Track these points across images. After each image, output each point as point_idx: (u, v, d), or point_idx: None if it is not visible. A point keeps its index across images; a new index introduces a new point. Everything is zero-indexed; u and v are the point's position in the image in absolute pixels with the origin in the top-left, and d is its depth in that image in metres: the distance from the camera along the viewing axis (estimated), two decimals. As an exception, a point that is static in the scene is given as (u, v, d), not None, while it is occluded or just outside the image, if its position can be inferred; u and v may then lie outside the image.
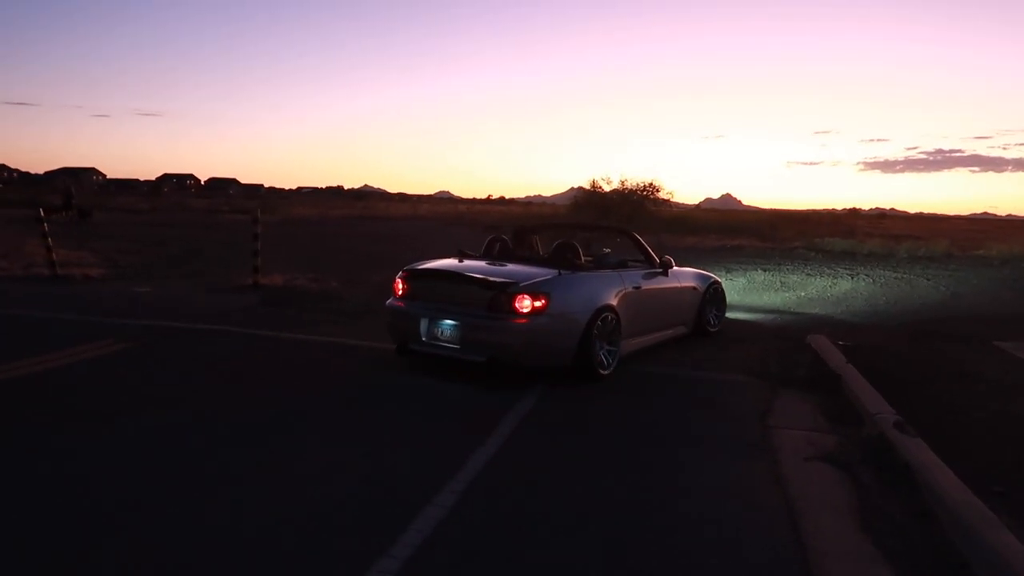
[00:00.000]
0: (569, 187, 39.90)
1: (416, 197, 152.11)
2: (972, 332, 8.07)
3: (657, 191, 37.61)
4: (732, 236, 27.71)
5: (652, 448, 4.50)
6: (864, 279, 14.13)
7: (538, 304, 5.45)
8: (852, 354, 6.76)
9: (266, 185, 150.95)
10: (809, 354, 7.02)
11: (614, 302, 6.07)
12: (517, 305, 5.43)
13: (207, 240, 19.84)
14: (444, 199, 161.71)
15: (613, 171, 77.40)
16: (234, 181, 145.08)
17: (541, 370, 5.90)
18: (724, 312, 8.60)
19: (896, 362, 6.58)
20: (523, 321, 5.42)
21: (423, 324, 5.78)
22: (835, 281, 13.64)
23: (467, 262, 6.43)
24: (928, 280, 14.08)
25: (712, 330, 8.11)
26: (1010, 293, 12.25)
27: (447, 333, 5.68)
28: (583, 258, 6.59)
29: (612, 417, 5.13)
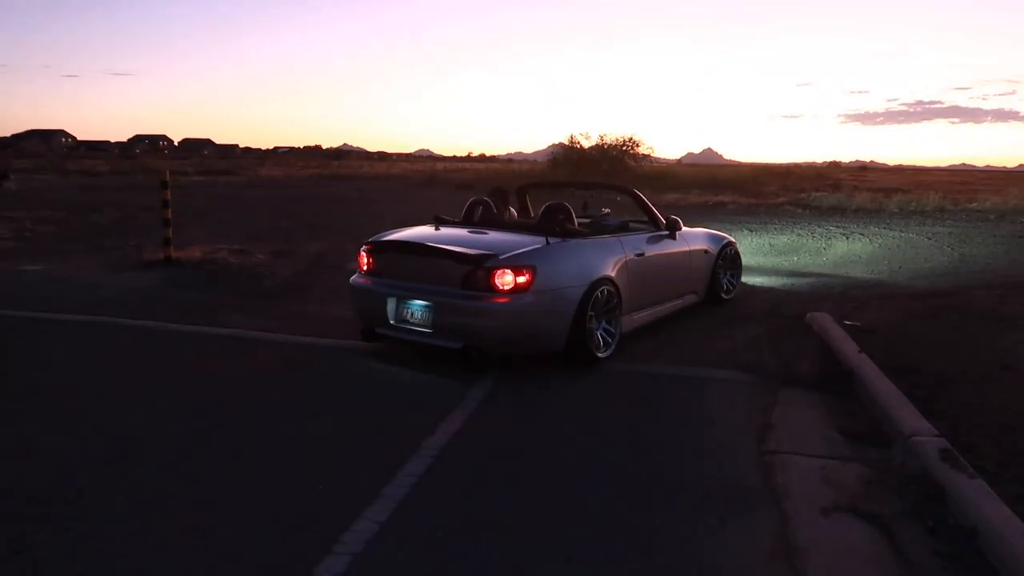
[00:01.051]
0: (550, 144, 38.52)
1: (396, 155, 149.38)
2: (995, 304, 6.87)
3: (637, 146, 36.37)
4: (714, 192, 26.46)
5: (607, 507, 3.25)
6: (860, 239, 12.92)
7: (521, 280, 4.68)
8: (864, 339, 5.55)
9: (242, 145, 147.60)
10: (812, 339, 5.79)
11: (613, 273, 5.28)
12: (497, 282, 4.66)
13: (154, 206, 18.23)
14: (424, 157, 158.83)
15: (593, 127, 75.90)
16: (208, 142, 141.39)
17: (528, 357, 5.01)
18: (740, 276, 7.62)
19: (919, 349, 5.36)
20: (504, 300, 4.66)
21: (390, 305, 5.02)
22: (829, 242, 12.42)
23: (443, 230, 5.55)
24: (929, 239, 12.89)
25: (726, 297, 7.23)
26: (1020, 253, 11.09)
27: (417, 315, 4.92)
28: (577, 222, 5.69)
29: (562, 447, 3.87)
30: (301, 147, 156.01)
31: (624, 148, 36.45)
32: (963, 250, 11.29)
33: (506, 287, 4.66)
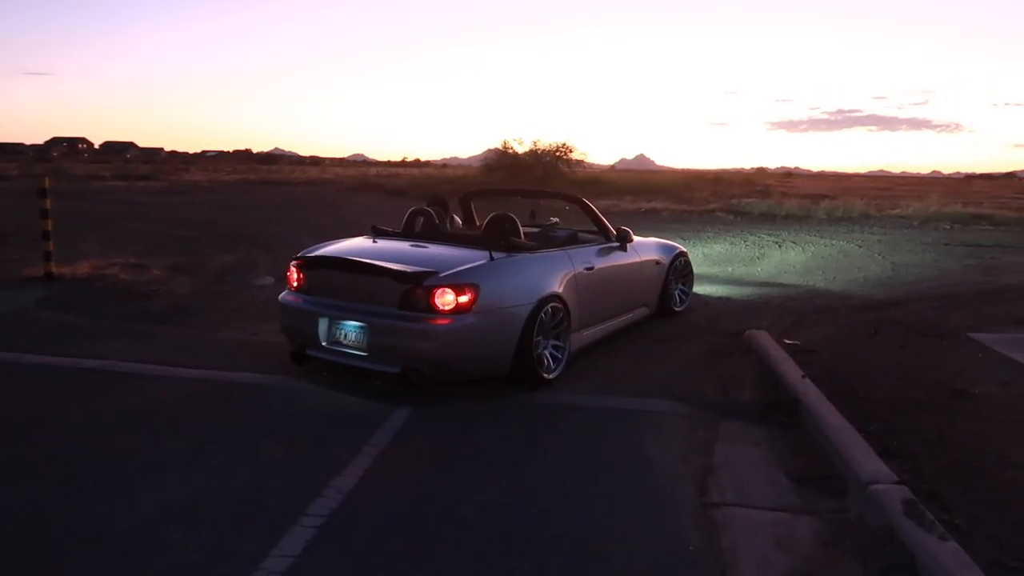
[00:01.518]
0: (486, 149, 38.11)
1: (329, 160, 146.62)
2: (936, 319, 6.64)
3: (570, 152, 36.12)
4: (647, 198, 26.40)
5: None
6: (793, 247, 12.78)
7: (463, 299, 4.38)
8: (807, 360, 5.17)
9: (167, 149, 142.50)
10: (752, 361, 5.38)
11: (561, 289, 5.01)
12: (436, 302, 4.36)
13: (58, 212, 16.90)
14: (358, 162, 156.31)
15: (529, 133, 75.89)
16: (132, 145, 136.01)
17: (472, 381, 4.69)
18: (692, 287, 7.40)
19: (865, 372, 5.00)
20: (445, 322, 4.35)
21: (322, 325, 4.66)
22: (762, 251, 12.22)
23: (381, 243, 5.27)
24: (860, 247, 12.84)
25: (678, 309, 7.02)
26: (949, 261, 11.09)
27: (352, 337, 4.57)
28: (523, 233, 5.48)
29: (470, 506, 3.29)
30: (231, 151, 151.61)
31: (557, 154, 36.17)
32: (894, 259, 11.22)
33: (447, 307, 4.35)
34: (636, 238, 6.39)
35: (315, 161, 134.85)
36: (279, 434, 4.01)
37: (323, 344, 4.67)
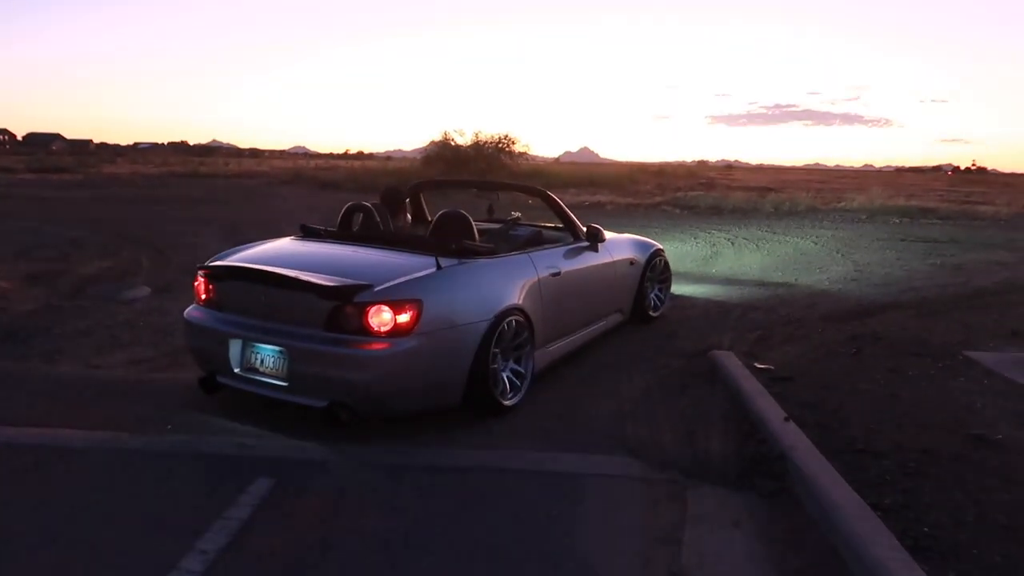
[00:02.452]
0: (430, 141, 37.25)
1: (269, 153, 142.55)
2: (922, 333, 5.75)
3: (512, 143, 35.59)
4: (592, 191, 25.61)
5: None
6: (746, 245, 11.93)
7: (403, 319, 3.62)
8: (783, 391, 4.19)
9: (98, 140, 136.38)
10: (719, 393, 4.37)
11: (523, 300, 4.30)
12: (371, 322, 3.59)
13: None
14: (300, 154, 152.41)
15: (472, 125, 75.01)
16: (58, 136, 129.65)
17: (413, 415, 3.89)
18: (669, 290, 6.66)
19: (859, 409, 4.02)
20: (381, 347, 3.58)
21: (234, 348, 3.91)
22: (714, 249, 11.33)
23: (308, 246, 4.49)
24: (815, 244, 12.07)
25: (654, 315, 6.31)
26: (912, 259, 10.36)
27: (269, 363, 3.81)
28: (478, 232, 4.73)
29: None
30: (166, 143, 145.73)
31: (500, 145, 35.47)
32: (855, 257, 10.43)
33: (383, 328, 3.59)
34: (608, 234, 5.69)
35: (254, 153, 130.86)
36: (48, 541, 2.79)
37: (236, 371, 3.91)
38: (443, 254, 4.05)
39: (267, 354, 3.80)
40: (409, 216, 5.56)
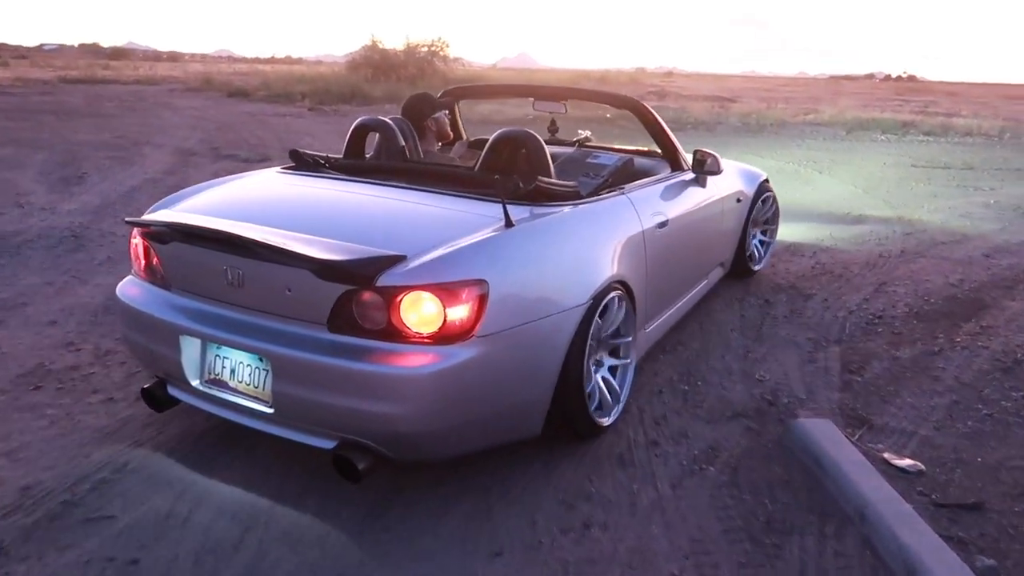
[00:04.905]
0: (363, 45, 34.73)
1: (189, 56, 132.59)
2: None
3: (445, 47, 33.79)
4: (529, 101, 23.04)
5: None
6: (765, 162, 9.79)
7: (459, 314, 2.20)
8: (975, 548, 2.10)
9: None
10: (830, 546, 2.24)
11: (625, 268, 2.85)
12: (406, 318, 2.20)
13: None
14: (224, 58, 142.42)
15: (404, 29, 71.34)
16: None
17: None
18: (776, 234, 5.19)
19: None
20: (423, 360, 2.17)
21: (189, 349, 2.53)
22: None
23: (300, 185, 3.05)
24: (820, 172, 9.99)
25: (756, 268, 4.94)
26: (956, 196, 8.39)
27: (243, 376, 2.42)
28: (552, 167, 3.03)
29: None
30: (76, 44, 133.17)
31: (432, 49, 33.12)
32: (879, 193, 8.39)
33: (426, 330, 2.19)
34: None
35: (173, 57, 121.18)
36: None
37: (193, 383, 2.53)
38: (512, 199, 2.60)
39: (240, 361, 2.45)
40: (437, 138, 3.80)
